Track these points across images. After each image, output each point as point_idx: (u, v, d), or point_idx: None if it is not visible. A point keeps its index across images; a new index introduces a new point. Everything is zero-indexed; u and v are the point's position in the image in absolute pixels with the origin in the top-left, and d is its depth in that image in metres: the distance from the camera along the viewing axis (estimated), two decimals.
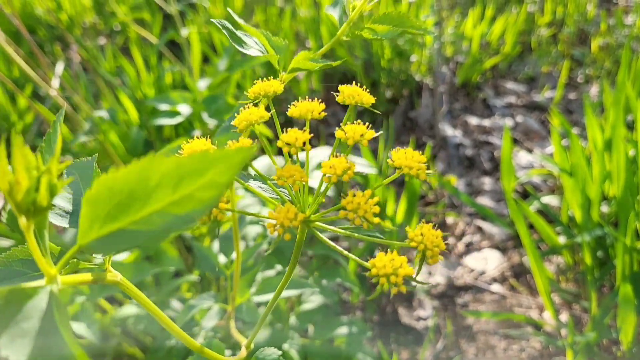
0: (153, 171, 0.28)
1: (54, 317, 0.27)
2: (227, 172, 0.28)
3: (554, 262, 1.76)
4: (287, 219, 0.40)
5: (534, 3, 3.55)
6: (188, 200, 0.29)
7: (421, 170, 0.45)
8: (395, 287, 0.40)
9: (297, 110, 0.49)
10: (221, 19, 1.57)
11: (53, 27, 3.57)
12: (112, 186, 0.28)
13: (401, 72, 2.62)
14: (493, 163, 2.32)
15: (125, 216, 0.29)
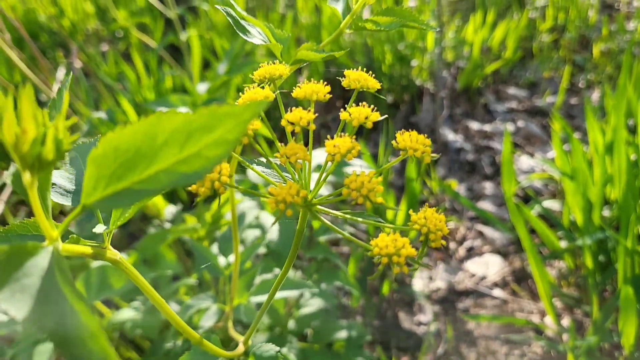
0: (161, 128, 0.28)
1: (55, 277, 0.26)
2: (236, 129, 0.28)
3: (556, 267, 1.75)
4: (289, 194, 0.39)
5: (535, 9, 3.55)
6: (196, 158, 0.28)
7: (426, 152, 0.45)
8: (397, 267, 0.39)
9: (302, 91, 0.49)
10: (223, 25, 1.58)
11: (55, 34, 3.59)
12: (118, 145, 0.28)
13: (402, 77, 2.62)
14: (494, 168, 2.31)
15: (131, 175, 0.29)
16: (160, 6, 2.00)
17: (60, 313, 0.26)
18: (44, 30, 3.63)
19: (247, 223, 1.28)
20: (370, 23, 0.59)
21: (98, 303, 1.22)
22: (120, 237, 1.73)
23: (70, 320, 0.25)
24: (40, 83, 1.57)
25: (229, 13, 0.57)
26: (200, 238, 1.16)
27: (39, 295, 0.26)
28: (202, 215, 1.23)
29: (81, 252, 0.37)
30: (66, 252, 0.34)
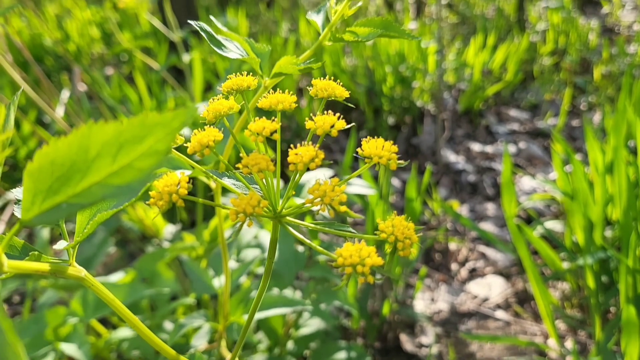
0: (93, 140, 0.27)
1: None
2: (166, 139, 0.27)
3: (559, 288, 1.73)
4: (250, 205, 0.38)
5: (535, 33, 3.59)
6: (128, 170, 0.28)
7: (392, 159, 0.44)
8: (362, 277, 0.38)
9: (267, 101, 0.48)
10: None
11: (60, 57, 3.64)
12: (54, 159, 0.28)
13: (403, 99, 2.63)
14: (496, 189, 2.30)
15: (66, 189, 0.29)
16: (165, 29, 2.03)
17: None
18: (49, 54, 3.68)
19: (245, 242, 1.28)
20: (349, 34, 0.58)
21: (95, 322, 1.21)
22: (120, 257, 1.72)
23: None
24: (44, 105, 1.59)
25: (203, 28, 0.57)
26: (199, 257, 1.16)
27: None
28: (201, 233, 1.23)
29: (34, 269, 0.36)
30: (13, 269, 0.34)
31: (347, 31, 0.58)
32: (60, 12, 5.12)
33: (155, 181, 0.41)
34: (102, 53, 3.91)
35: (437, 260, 1.98)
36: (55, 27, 3.99)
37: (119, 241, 1.78)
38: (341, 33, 0.58)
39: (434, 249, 2.02)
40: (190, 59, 1.91)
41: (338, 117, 0.46)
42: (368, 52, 2.77)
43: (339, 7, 0.60)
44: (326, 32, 0.60)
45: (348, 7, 0.59)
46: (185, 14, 2.93)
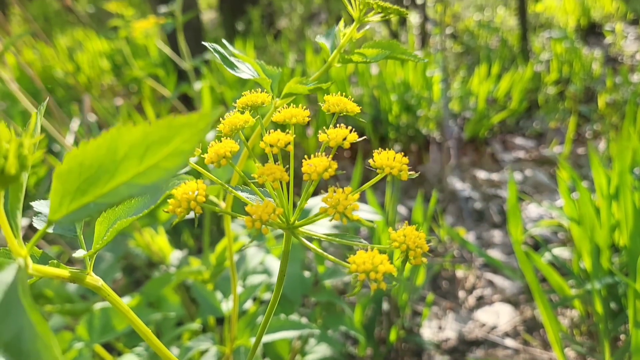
0: (121, 141, 0.28)
1: (17, 292, 0.27)
2: (192, 139, 0.28)
3: (568, 316, 1.71)
4: (266, 212, 0.39)
5: (539, 62, 3.62)
6: (154, 170, 0.29)
7: (403, 170, 0.45)
8: (375, 283, 0.38)
9: (281, 115, 0.50)
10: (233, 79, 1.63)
11: (71, 88, 3.70)
12: (82, 161, 0.29)
13: (409, 127, 2.65)
14: (502, 216, 2.30)
15: (94, 189, 0.30)
16: (176, 58, 2.07)
17: (19, 326, 0.26)
18: (60, 85, 3.75)
19: (251, 268, 1.28)
20: (357, 55, 0.60)
21: (100, 349, 1.20)
22: (127, 284, 1.73)
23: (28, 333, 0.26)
24: (55, 132, 1.62)
25: (216, 49, 0.59)
26: (205, 281, 1.16)
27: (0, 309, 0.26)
28: (208, 258, 1.23)
29: (55, 274, 0.37)
30: (38, 272, 0.35)
31: (356, 52, 0.60)
32: (71, 44, 5.23)
33: (174, 189, 0.42)
34: (112, 84, 3.98)
35: (444, 287, 1.97)
36: (66, 58, 4.07)
37: (125, 268, 1.79)
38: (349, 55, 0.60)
39: (440, 276, 2.01)
40: (200, 87, 1.95)
41: (350, 130, 0.47)
42: (373, 81, 2.80)
43: (347, 31, 0.62)
44: (335, 54, 0.61)
45: (356, 30, 0.61)
46: (194, 45, 2.99)
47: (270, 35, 5.00)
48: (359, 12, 0.62)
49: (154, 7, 2.89)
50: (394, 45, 0.60)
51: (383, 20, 0.62)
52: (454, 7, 5.42)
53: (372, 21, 0.63)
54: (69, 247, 1.62)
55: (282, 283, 0.47)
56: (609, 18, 4.82)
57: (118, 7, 2.24)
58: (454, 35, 4.62)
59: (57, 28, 6.86)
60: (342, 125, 0.49)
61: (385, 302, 1.69)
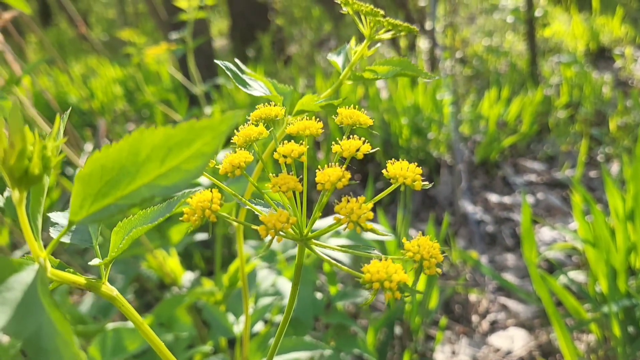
0: (144, 144, 0.29)
1: (37, 291, 0.27)
2: (213, 142, 0.29)
3: (584, 341, 1.68)
4: (279, 221, 0.39)
5: (549, 86, 3.63)
6: (175, 172, 0.29)
7: (417, 180, 0.45)
8: (389, 292, 0.38)
9: (295, 127, 0.50)
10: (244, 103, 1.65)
11: (85, 114, 3.76)
12: (105, 163, 0.29)
13: (419, 151, 2.66)
14: (515, 239, 2.28)
15: (114, 192, 0.30)
16: (187, 83, 2.09)
17: (38, 323, 0.26)
18: (74, 111, 3.80)
19: (263, 289, 1.27)
20: (369, 72, 0.61)
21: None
22: (138, 306, 1.72)
23: (47, 330, 0.26)
24: (71, 154, 1.63)
25: (229, 67, 0.60)
26: (218, 302, 1.15)
27: (20, 307, 0.27)
28: (220, 279, 1.23)
29: (72, 281, 0.37)
30: (55, 277, 0.35)
31: (367, 69, 0.60)
32: (85, 71, 5.32)
33: (189, 198, 0.42)
34: (124, 110, 4.03)
35: (457, 311, 1.94)
36: (80, 85, 4.14)
37: (137, 290, 1.78)
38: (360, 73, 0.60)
39: (453, 300, 1.99)
40: (211, 111, 1.97)
41: (363, 141, 0.48)
42: (384, 105, 2.82)
43: (358, 48, 0.62)
44: (347, 71, 0.62)
45: (367, 48, 0.62)
46: (205, 71, 3.03)
47: (280, 61, 5.06)
48: (370, 30, 0.63)
49: (165, 34, 2.94)
50: (405, 62, 0.61)
51: (394, 37, 0.63)
52: (463, 32, 5.47)
53: (383, 39, 0.64)
54: (82, 269, 1.62)
55: (295, 296, 0.46)
56: (618, 42, 4.84)
57: (131, 35, 2.29)
58: (463, 60, 4.65)
59: (72, 55, 7.00)
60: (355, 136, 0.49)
61: (397, 326, 1.67)
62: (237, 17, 5.28)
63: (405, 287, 0.38)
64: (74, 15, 2.70)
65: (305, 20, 6.28)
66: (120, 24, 9.11)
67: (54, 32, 9.18)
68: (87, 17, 10.06)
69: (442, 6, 4.32)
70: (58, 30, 9.35)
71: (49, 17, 10.50)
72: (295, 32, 6.04)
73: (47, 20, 10.37)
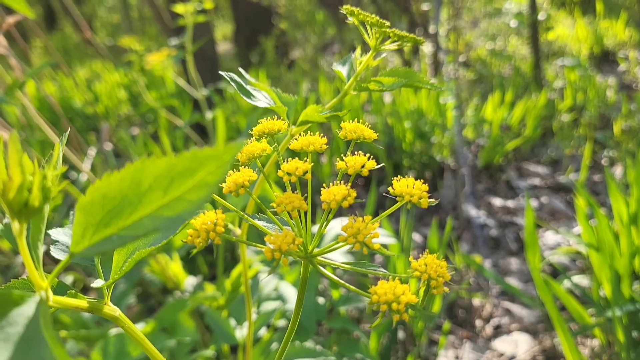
0: (146, 173, 0.28)
1: (39, 325, 0.26)
2: (217, 172, 0.28)
3: (588, 346, 1.67)
4: (285, 242, 0.39)
5: (553, 90, 3.62)
6: (178, 202, 0.29)
7: (423, 197, 0.44)
8: (397, 314, 0.38)
9: (299, 143, 0.49)
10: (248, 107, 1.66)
11: (89, 118, 3.77)
12: (106, 192, 0.29)
13: (423, 155, 2.65)
14: (519, 244, 2.27)
15: (117, 221, 0.29)
16: (189, 88, 2.10)
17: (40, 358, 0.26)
18: (78, 115, 3.82)
19: (265, 294, 1.27)
20: (374, 83, 0.60)
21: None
22: (141, 311, 1.72)
23: None
24: (75, 159, 1.64)
25: (233, 78, 0.60)
26: (220, 307, 1.15)
27: (21, 342, 0.26)
28: (223, 284, 1.23)
29: (74, 305, 0.37)
30: (57, 304, 0.35)
31: (372, 81, 0.60)
32: (90, 76, 5.35)
33: (193, 220, 0.41)
34: (128, 114, 4.04)
35: (460, 316, 1.93)
36: (85, 89, 4.15)
37: (139, 294, 1.78)
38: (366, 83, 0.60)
39: (457, 304, 1.98)
40: (213, 116, 1.97)
41: (368, 157, 0.47)
42: (387, 109, 2.82)
43: (363, 59, 0.62)
44: (352, 81, 0.62)
45: (372, 58, 0.61)
46: (209, 75, 3.04)
47: (284, 65, 5.07)
48: (376, 41, 0.63)
49: (169, 38, 2.95)
50: (410, 73, 0.60)
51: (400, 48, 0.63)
52: (466, 36, 5.47)
53: (389, 50, 0.63)
54: (84, 274, 1.62)
55: (299, 311, 0.46)
56: (622, 45, 4.83)
57: (131, 42, 2.29)
58: (466, 63, 4.65)
59: (77, 60, 7.03)
60: (359, 152, 0.49)
61: (401, 331, 1.66)
62: (241, 21, 5.30)
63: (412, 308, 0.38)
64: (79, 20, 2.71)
65: (309, 25, 6.29)
66: (124, 29, 9.15)
67: (59, 36, 9.23)
68: (91, 22, 10.10)
69: (446, 10, 4.33)
70: (63, 35, 9.39)
71: (53, 22, 10.55)
72: (299, 36, 6.06)
73: (52, 25, 10.42)
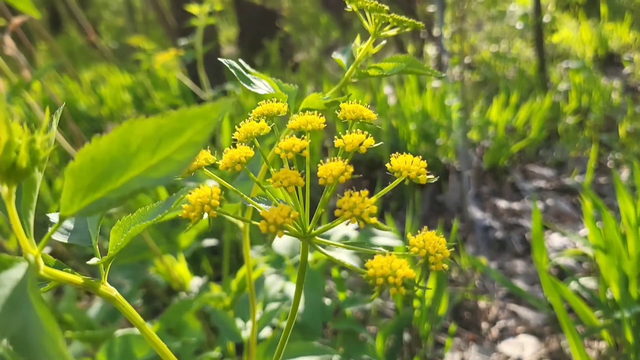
0: (134, 134, 0.28)
1: (26, 289, 0.27)
2: (205, 130, 0.28)
3: (595, 348, 1.66)
4: (280, 216, 0.38)
5: (558, 93, 3.62)
6: (166, 162, 0.29)
7: (422, 173, 0.43)
8: (394, 287, 0.37)
9: (297, 122, 0.49)
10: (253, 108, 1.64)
11: (94, 120, 3.78)
12: (95, 156, 0.28)
13: (428, 156, 2.65)
14: (525, 246, 2.26)
15: (105, 185, 0.29)
16: (196, 89, 2.10)
17: (26, 320, 0.26)
18: (83, 118, 3.83)
19: (271, 295, 1.27)
20: (374, 69, 0.60)
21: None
22: (146, 312, 1.72)
23: (34, 327, 0.26)
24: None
25: (232, 65, 0.59)
26: (226, 307, 1.15)
27: (7, 303, 0.26)
28: (228, 285, 1.23)
29: (68, 280, 0.36)
30: (50, 275, 0.34)
31: (372, 67, 0.60)
32: (95, 79, 5.36)
33: (188, 195, 0.41)
34: (133, 116, 4.06)
35: (466, 318, 1.92)
36: (90, 92, 4.17)
37: (145, 296, 1.78)
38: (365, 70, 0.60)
39: (462, 306, 1.97)
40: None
41: (366, 135, 0.46)
42: (392, 111, 2.81)
43: (363, 46, 0.62)
44: (352, 69, 0.61)
45: (372, 45, 0.61)
46: (214, 78, 3.04)
47: (288, 68, 5.08)
48: (375, 27, 0.62)
49: (174, 42, 2.96)
50: (410, 59, 0.60)
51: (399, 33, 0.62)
52: (470, 39, 5.46)
53: (388, 35, 0.62)
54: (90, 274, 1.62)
55: (299, 297, 0.46)
56: (627, 48, 4.82)
57: (140, 42, 2.30)
58: (470, 66, 4.64)
59: (82, 63, 7.05)
60: (358, 130, 0.48)
61: (406, 332, 1.66)
62: (246, 24, 5.31)
63: (411, 283, 0.37)
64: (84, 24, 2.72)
65: (313, 28, 6.30)
66: (129, 32, 9.18)
67: (64, 40, 9.27)
68: (96, 26, 10.15)
69: (450, 13, 4.33)
70: (68, 38, 9.43)
71: (59, 25, 10.60)
72: (303, 39, 6.07)
73: (57, 29, 10.47)
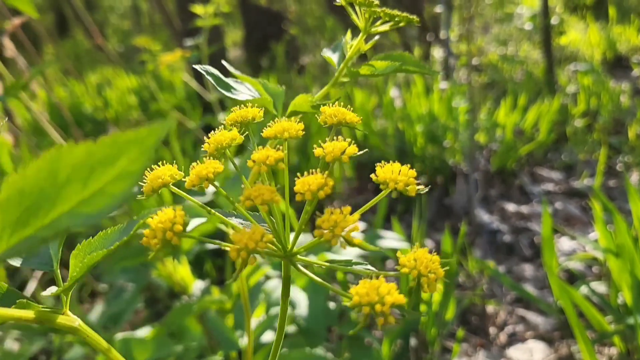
0: (63, 163, 0.25)
1: None
2: (140, 158, 0.25)
3: (605, 354, 1.62)
4: (252, 240, 0.34)
5: (566, 95, 3.58)
6: (100, 195, 0.25)
7: (410, 184, 0.39)
8: (381, 317, 0.32)
9: (272, 130, 0.44)
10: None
11: (99, 123, 3.78)
12: (23, 187, 0.25)
13: (434, 159, 2.62)
14: (533, 250, 2.22)
15: (35, 220, 0.26)
16: (201, 90, 2.09)
17: None
18: (88, 120, 3.82)
19: (274, 299, 1.24)
20: (366, 67, 0.56)
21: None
22: (148, 316, 1.70)
23: None
24: None
25: (209, 71, 0.56)
26: (227, 311, 1.13)
27: None
28: (230, 288, 1.20)
29: (16, 317, 0.32)
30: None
31: (364, 65, 0.56)
32: (100, 82, 5.37)
33: (149, 219, 0.37)
34: (138, 119, 4.05)
35: (474, 323, 1.89)
36: (95, 94, 4.17)
37: (147, 299, 1.76)
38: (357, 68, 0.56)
39: (470, 311, 1.94)
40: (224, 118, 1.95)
41: (349, 142, 0.41)
42: (398, 113, 2.79)
43: (354, 43, 0.58)
44: (342, 67, 0.57)
45: (364, 42, 0.57)
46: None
47: (294, 70, 5.06)
48: (365, 22, 0.58)
49: (180, 44, 2.95)
50: (405, 56, 0.56)
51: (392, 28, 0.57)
52: (478, 41, 5.43)
53: (380, 31, 0.58)
54: (93, 279, 1.60)
55: (285, 309, 0.42)
56: (635, 51, 4.78)
57: (146, 42, 2.29)
58: (478, 68, 4.61)
59: (88, 66, 7.07)
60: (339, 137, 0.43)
61: (413, 337, 1.63)
62: (252, 27, 5.30)
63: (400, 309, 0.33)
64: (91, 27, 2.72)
65: (319, 30, 6.29)
66: (135, 35, 9.21)
67: (71, 43, 9.30)
68: (103, 29, 10.19)
69: (457, 15, 4.30)
70: (74, 42, 9.47)
71: (65, 29, 10.65)
72: (309, 41, 6.06)
73: (64, 32, 10.51)
